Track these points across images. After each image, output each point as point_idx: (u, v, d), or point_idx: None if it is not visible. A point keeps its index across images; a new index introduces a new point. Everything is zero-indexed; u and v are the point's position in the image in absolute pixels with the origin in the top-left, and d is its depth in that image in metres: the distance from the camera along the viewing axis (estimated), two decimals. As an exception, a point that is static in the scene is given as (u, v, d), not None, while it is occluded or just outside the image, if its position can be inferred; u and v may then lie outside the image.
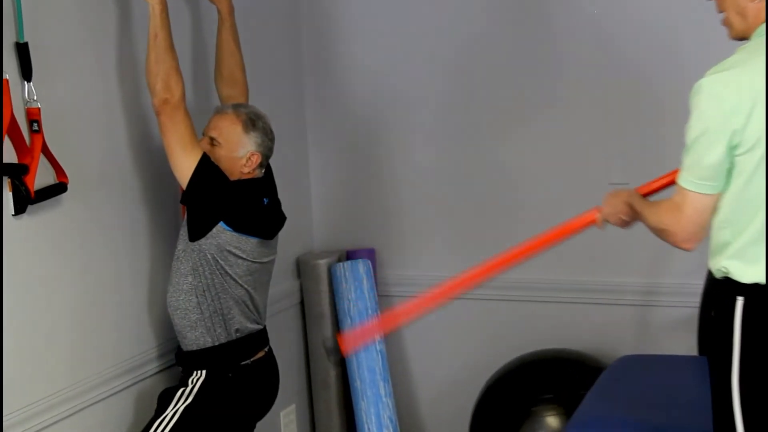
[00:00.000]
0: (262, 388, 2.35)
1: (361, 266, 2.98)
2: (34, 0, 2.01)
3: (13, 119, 1.94)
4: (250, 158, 2.25)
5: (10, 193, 1.97)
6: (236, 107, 2.30)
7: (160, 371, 2.43)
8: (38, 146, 2.02)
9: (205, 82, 2.57)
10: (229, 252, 2.22)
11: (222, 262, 2.21)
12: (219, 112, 2.30)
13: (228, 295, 2.24)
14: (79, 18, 2.17)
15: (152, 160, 2.40)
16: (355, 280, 2.95)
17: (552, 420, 2.65)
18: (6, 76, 1.91)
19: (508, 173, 2.98)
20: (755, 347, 1.65)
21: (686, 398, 2.24)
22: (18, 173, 1.97)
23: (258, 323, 2.34)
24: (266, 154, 2.30)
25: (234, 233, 2.22)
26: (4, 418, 1.95)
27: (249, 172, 2.27)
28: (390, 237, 3.16)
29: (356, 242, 3.13)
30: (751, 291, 1.64)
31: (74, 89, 2.18)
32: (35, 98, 2.00)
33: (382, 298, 3.14)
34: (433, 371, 3.18)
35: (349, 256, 3.08)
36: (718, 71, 1.66)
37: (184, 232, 2.24)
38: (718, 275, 1.71)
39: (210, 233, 2.20)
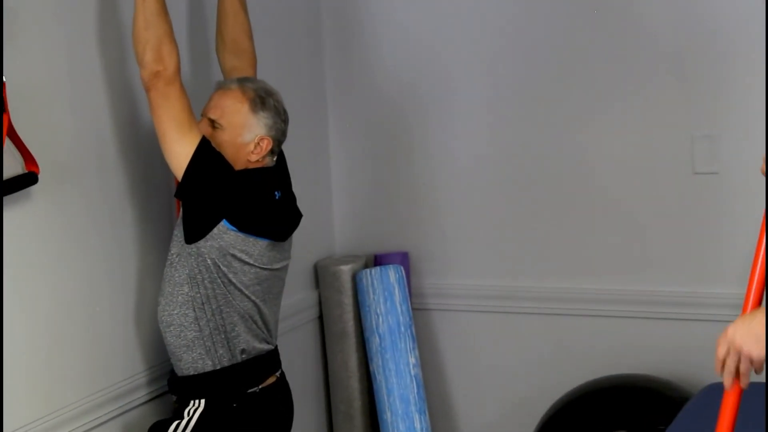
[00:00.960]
0: (273, 420, 2.32)
1: (392, 273, 2.96)
2: (-2, -48, 1.95)
3: (-29, 96, 1.91)
4: (258, 144, 2.21)
5: (-32, 186, 1.94)
6: (242, 82, 2.25)
7: (150, 400, 2.41)
8: (3, 129, 1.97)
9: (205, 50, 2.56)
10: (233, 256, 2.17)
11: (225, 269, 2.17)
12: (221, 88, 2.26)
13: (232, 309, 2.21)
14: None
15: (142, 146, 2.37)
16: (384, 291, 2.94)
17: (625, 465, 2.64)
18: (-38, 44, 1.89)
19: (571, 163, 2.97)
20: None
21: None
22: (-23, 161, 1.93)
23: (268, 342, 2.30)
24: (278, 138, 2.26)
25: (239, 234, 2.17)
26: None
27: (258, 161, 2.23)
28: (426, 238, 3.14)
29: (386, 245, 3.14)
30: None
31: (47, 60, 2.14)
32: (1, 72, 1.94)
33: (417, 312, 3.13)
34: (480, 401, 3.16)
35: (378, 261, 3.09)
36: None
37: (178, 233, 2.19)
38: None
39: (210, 234, 2.16)
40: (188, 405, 2.20)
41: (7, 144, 1.97)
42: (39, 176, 2.05)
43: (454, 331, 3.15)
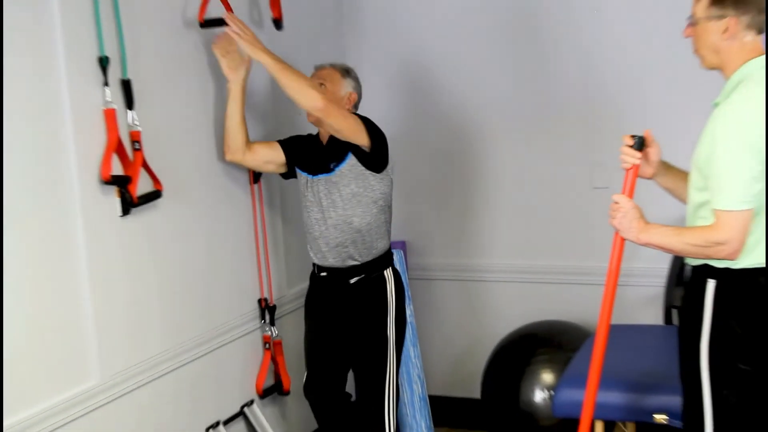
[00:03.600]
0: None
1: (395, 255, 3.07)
2: (135, 45, 2.46)
3: (119, 140, 2.39)
4: (349, 97, 2.84)
5: (118, 199, 2.41)
6: (331, 64, 2.88)
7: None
8: (139, 161, 2.43)
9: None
10: (393, 169, 2.86)
11: (393, 180, 2.85)
12: (318, 68, 2.88)
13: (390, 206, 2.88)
14: (169, 56, 2.59)
15: (226, 167, 2.87)
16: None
17: (547, 376, 3.09)
18: (114, 106, 2.37)
19: (505, 176, 3.49)
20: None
21: (653, 355, 2.69)
22: (124, 183, 2.41)
23: None
24: (361, 96, 2.88)
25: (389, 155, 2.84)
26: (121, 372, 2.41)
27: (349, 110, 2.80)
28: (417, 231, 3.59)
29: (392, 236, 3.08)
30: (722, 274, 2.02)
31: (168, 115, 2.59)
32: (137, 123, 2.41)
33: (412, 281, 3.53)
34: (453, 338, 3.64)
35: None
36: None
37: (353, 176, 2.75)
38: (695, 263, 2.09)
39: (389, 161, 2.82)
40: (384, 277, 2.81)
41: (141, 171, 2.44)
42: (162, 192, 2.49)
43: (428, 293, 3.65)
